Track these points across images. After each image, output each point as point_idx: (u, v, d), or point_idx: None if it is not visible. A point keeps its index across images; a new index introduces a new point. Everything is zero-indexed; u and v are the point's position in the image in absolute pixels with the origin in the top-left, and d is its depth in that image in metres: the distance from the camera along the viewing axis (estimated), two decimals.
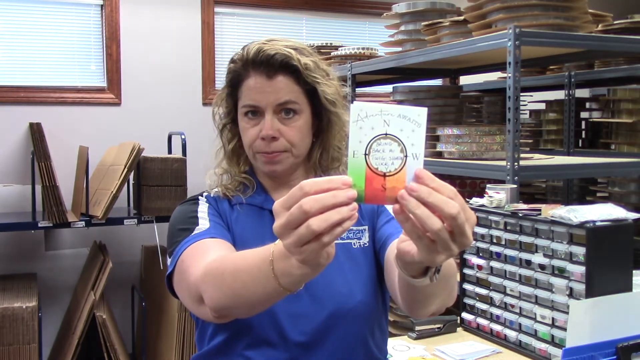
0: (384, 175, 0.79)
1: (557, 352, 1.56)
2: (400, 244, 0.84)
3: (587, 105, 3.93)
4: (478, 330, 1.85)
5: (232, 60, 1.28)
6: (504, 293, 1.75)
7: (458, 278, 1.91)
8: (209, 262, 1.07)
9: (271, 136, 1.23)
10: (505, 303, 1.74)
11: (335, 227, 0.76)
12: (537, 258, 1.62)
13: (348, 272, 1.24)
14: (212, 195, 1.33)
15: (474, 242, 1.83)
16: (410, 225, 0.78)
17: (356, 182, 0.78)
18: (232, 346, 1.24)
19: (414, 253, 0.81)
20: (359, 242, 1.28)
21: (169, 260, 1.26)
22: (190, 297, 1.13)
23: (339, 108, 1.29)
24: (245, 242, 1.23)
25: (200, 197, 1.34)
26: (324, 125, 1.30)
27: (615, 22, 2.99)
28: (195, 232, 1.21)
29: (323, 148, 1.31)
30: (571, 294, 1.53)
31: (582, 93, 3.94)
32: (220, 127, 1.34)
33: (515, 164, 2.06)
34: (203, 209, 1.29)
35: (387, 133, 0.79)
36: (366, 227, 1.30)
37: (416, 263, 0.84)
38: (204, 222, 1.24)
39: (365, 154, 0.79)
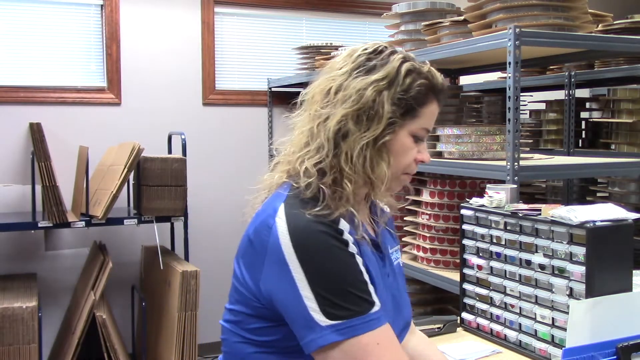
0: None
1: (557, 352, 1.56)
2: None
3: (587, 105, 3.93)
4: (478, 330, 1.85)
5: (422, 77, 1.21)
6: (504, 293, 1.75)
7: (458, 278, 1.91)
8: None
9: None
10: (505, 303, 1.74)
11: None
12: (537, 258, 1.62)
13: (403, 290, 1.36)
14: (350, 234, 1.12)
15: (474, 242, 1.83)
16: None
17: None
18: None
19: None
20: (398, 260, 1.38)
21: (317, 318, 1.05)
22: None
23: None
24: (372, 279, 1.15)
25: (345, 238, 1.10)
26: None
27: (615, 22, 2.99)
28: (373, 310, 1.07)
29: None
30: (571, 294, 1.53)
31: (582, 93, 3.94)
32: (386, 123, 1.16)
33: (515, 164, 2.06)
34: (359, 263, 1.10)
35: None
36: (399, 247, 1.42)
37: None
38: (374, 295, 1.10)
39: None
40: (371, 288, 1.09)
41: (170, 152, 3.72)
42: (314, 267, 1.06)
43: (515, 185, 1.94)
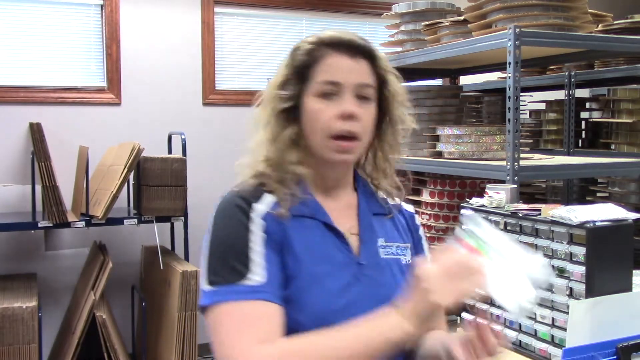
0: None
1: (557, 352, 1.56)
2: (454, 347, 1.11)
3: (587, 105, 3.93)
4: None
5: (306, 43, 1.23)
6: None
7: None
8: (278, 349, 1.05)
9: (354, 114, 1.18)
10: None
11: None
12: None
13: (400, 288, 1.24)
14: (266, 212, 1.16)
15: None
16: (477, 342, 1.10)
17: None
18: None
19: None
20: (405, 259, 1.29)
21: (204, 283, 1.13)
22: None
23: (404, 103, 1.29)
24: (306, 260, 1.17)
25: (252, 216, 1.16)
26: (382, 129, 1.28)
27: (615, 22, 2.99)
28: (246, 282, 1.09)
29: (374, 153, 1.30)
30: (571, 294, 1.53)
31: (582, 93, 3.94)
32: (274, 113, 1.22)
33: (515, 164, 2.06)
34: (257, 240, 1.14)
35: (511, 274, 1.10)
36: (409, 245, 1.31)
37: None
38: (257, 270, 1.11)
39: (494, 251, 1.14)
40: (255, 263, 1.11)
41: (170, 152, 3.72)
42: (214, 234, 1.15)
43: (515, 185, 1.94)
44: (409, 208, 1.39)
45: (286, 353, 1.04)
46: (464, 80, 3.61)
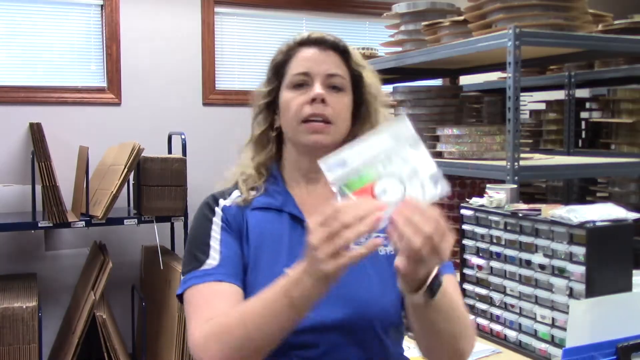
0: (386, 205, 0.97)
1: (557, 352, 1.56)
2: (395, 262, 1.00)
3: (587, 105, 3.93)
4: (478, 330, 1.85)
5: (283, 45, 1.33)
6: (504, 293, 1.75)
7: (458, 278, 1.91)
8: (211, 325, 1.11)
9: (322, 97, 1.24)
10: (505, 303, 1.74)
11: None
12: (537, 258, 1.62)
13: (372, 278, 1.24)
14: (229, 205, 1.29)
15: (474, 242, 1.83)
16: (403, 244, 0.96)
17: (348, 187, 0.99)
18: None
19: (402, 267, 0.98)
20: (385, 249, 1.28)
21: (182, 278, 1.26)
22: (191, 345, 1.16)
23: (380, 97, 1.33)
24: (261, 250, 1.24)
25: (216, 209, 1.29)
26: (360, 118, 1.32)
27: (615, 22, 2.99)
28: (204, 267, 1.21)
29: None
30: (571, 294, 1.53)
31: (582, 93, 3.94)
32: (257, 110, 1.34)
33: (515, 164, 2.06)
34: (216, 230, 1.26)
35: (403, 182, 0.99)
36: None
37: (408, 276, 1.00)
38: (214, 255, 1.22)
39: (376, 177, 1.00)
40: (213, 249, 1.22)
41: (170, 152, 3.72)
42: (189, 233, 1.32)
43: (515, 185, 1.94)
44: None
45: (216, 327, 1.10)
46: (464, 80, 3.61)
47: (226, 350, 1.08)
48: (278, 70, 1.32)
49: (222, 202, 1.30)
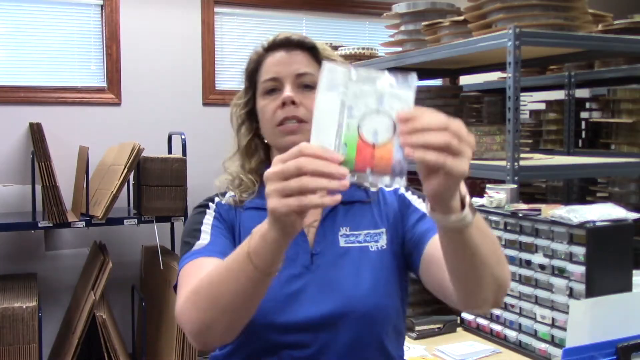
0: (373, 146, 0.86)
1: (557, 352, 1.56)
2: (424, 189, 0.90)
3: (587, 105, 3.93)
4: (478, 330, 1.85)
5: (253, 53, 1.36)
6: None
7: None
8: (187, 290, 1.09)
9: (291, 99, 1.24)
10: (505, 303, 1.74)
11: (315, 193, 0.83)
12: (537, 258, 1.62)
13: (362, 274, 1.23)
14: (223, 202, 1.33)
15: None
16: (420, 153, 0.83)
17: (349, 151, 0.87)
18: (244, 351, 1.23)
19: (429, 188, 0.89)
20: (376, 245, 1.27)
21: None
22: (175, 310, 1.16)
23: None
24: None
25: (210, 204, 1.33)
26: None
27: (615, 22, 2.99)
28: (194, 247, 1.22)
29: None
30: (571, 294, 1.53)
31: (582, 93, 3.94)
32: (239, 121, 1.38)
33: (515, 164, 2.06)
34: (208, 219, 1.29)
35: (379, 110, 0.87)
36: (384, 230, 1.29)
37: (438, 197, 0.91)
38: (204, 237, 1.25)
39: (359, 127, 0.87)
40: (203, 232, 1.25)
41: (170, 152, 3.72)
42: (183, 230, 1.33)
43: (515, 185, 1.94)
44: (403, 190, 1.34)
45: (190, 291, 1.08)
46: (464, 80, 3.61)
47: (195, 312, 1.05)
48: (251, 78, 1.34)
49: (216, 199, 1.34)
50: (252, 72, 1.34)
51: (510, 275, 1.10)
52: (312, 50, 1.31)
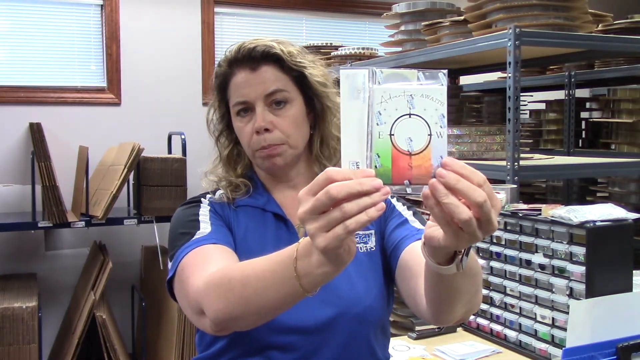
0: (410, 154, 0.79)
1: (557, 352, 1.56)
2: (427, 230, 0.84)
3: (587, 105, 3.93)
4: (478, 330, 1.85)
5: (218, 65, 1.29)
6: (504, 293, 1.75)
7: None
8: (212, 273, 1.04)
9: (264, 128, 1.21)
10: (505, 303, 1.74)
11: (361, 213, 0.75)
12: (537, 258, 1.62)
13: (354, 276, 1.22)
14: (214, 198, 1.32)
15: None
16: (439, 211, 0.77)
17: (383, 162, 0.79)
18: (233, 351, 1.22)
19: (440, 238, 0.81)
20: (365, 247, 1.26)
21: (169, 265, 1.25)
22: (190, 307, 1.11)
23: (329, 88, 1.27)
24: (247, 244, 1.23)
25: (202, 199, 1.31)
26: (319, 114, 1.28)
27: (615, 22, 2.99)
28: (196, 236, 1.19)
29: (322, 139, 1.29)
30: (571, 294, 1.53)
31: (582, 93, 3.94)
32: (217, 134, 1.33)
33: (515, 164, 2.06)
34: (205, 211, 1.27)
35: (412, 113, 0.80)
36: (373, 232, 1.28)
37: (442, 248, 0.83)
38: (205, 226, 1.22)
39: (391, 135, 0.79)
40: (203, 222, 1.24)
41: (170, 152, 3.72)
42: (170, 228, 1.34)
43: (515, 185, 1.94)
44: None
45: (218, 278, 1.02)
46: (464, 80, 3.61)
47: (223, 303, 0.99)
48: (221, 94, 1.29)
49: (208, 195, 1.33)
50: (221, 88, 1.29)
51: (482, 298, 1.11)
52: (278, 61, 1.23)
